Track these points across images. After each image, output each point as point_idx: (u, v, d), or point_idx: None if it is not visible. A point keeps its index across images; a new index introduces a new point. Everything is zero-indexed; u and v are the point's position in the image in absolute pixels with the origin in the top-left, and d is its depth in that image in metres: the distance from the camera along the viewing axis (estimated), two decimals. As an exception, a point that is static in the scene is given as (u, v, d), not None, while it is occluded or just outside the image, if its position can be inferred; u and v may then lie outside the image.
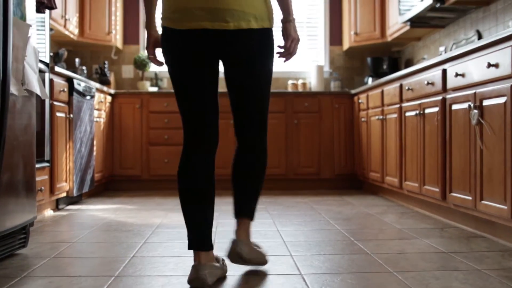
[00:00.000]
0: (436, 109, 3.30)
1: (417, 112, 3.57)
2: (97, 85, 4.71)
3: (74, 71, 5.49)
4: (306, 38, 6.16)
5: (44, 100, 3.43)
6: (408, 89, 3.74)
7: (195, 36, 1.97)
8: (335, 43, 6.08)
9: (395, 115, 4.10)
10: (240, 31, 1.97)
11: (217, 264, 2.06)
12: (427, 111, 3.45)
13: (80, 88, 4.10)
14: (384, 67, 5.78)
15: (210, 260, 2.01)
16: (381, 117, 4.42)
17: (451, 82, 3.09)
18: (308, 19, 6.17)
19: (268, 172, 5.28)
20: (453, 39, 4.67)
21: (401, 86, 3.98)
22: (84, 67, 5.60)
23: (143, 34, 6.06)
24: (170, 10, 2.05)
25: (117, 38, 5.74)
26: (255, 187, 2.21)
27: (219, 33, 1.96)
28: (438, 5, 4.07)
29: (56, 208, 3.90)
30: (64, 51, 5.16)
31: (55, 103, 3.67)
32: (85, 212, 3.84)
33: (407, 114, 3.82)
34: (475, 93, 2.78)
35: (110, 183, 5.35)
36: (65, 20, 4.87)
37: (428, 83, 3.39)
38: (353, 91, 5.35)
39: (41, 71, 3.29)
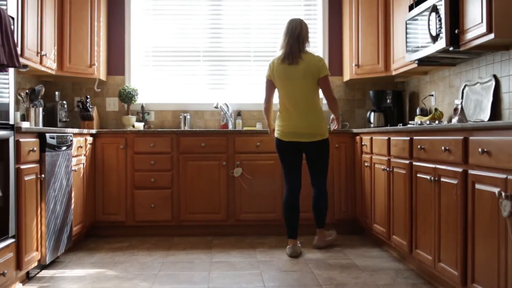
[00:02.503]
0: (455, 181, 2.90)
1: (431, 177, 3.17)
2: (75, 130, 4.29)
3: (54, 105, 5.07)
4: (303, 68, 5.74)
5: (8, 166, 3.01)
6: (421, 148, 3.34)
7: (290, 144, 4.18)
8: (334, 73, 5.68)
9: (403, 171, 3.70)
10: (312, 142, 4.16)
11: (300, 245, 4.27)
12: (443, 179, 3.05)
13: (53, 142, 3.68)
14: (388, 101, 5.38)
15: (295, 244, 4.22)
16: (387, 168, 4.02)
17: (475, 157, 2.69)
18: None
19: (263, 217, 4.91)
20: (465, 79, 4.27)
21: (411, 141, 3.58)
22: (64, 102, 5.18)
23: (129, 64, 5.64)
24: (279, 131, 4.22)
25: (100, 70, 5.32)
26: (324, 212, 4.37)
27: (302, 143, 4.17)
28: (451, 48, 3.67)
29: (27, 278, 3.48)
30: (41, 87, 4.73)
31: (23, 166, 3.24)
32: (58, 283, 3.42)
33: (419, 175, 3.42)
34: (506, 178, 2.37)
35: (92, 229, 4.93)
36: (41, 56, 4.45)
37: (445, 149, 2.99)
38: (355, 130, 4.95)
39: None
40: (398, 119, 5.41)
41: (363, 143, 4.73)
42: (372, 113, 5.41)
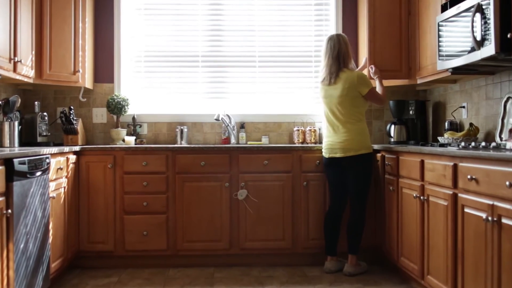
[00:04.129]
0: (525, 225, 2.29)
1: (487, 217, 2.56)
2: (53, 149, 3.66)
3: (33, 118, 4.45)
4: (313, 74, 5.14)
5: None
6: (472, 178, 2.73)
7: (330, 160, 4.17)
8: (349, 80, 5.06)
9: (444, 203, 3.09)
10: (345, 157, 4.07)
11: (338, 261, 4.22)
12: (506, 221, 2.45)
13: (24, 168, 3.06)
14: (410, 112, 4.78)
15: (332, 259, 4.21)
16: (421, 197, 3.42)
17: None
18: (316, 50, 5.15)
19: (271, 245, 4.29)
20: (507, 90, 3.67)
21: (456, 167, 2.97)
22: (45, 114, 4.56)
23: (119, 70, 5.01)
24: (323, 147, 4.24)
25: (85, 77, 4.69)
26: (356, 238, 4.22)
27: (338, 158, 4.11)
28: (502, 56, 3.07)
29: (-10, 334, 2.86)
30: (17, 98, 4.11)
31: (-18, 203, 2.62)
32: None
33: (468, 210, 2.81)
34: None
35: (76, 260, 4.30)
36: (15, 63, 3.83)
37: (511, 185, 2.38)
38: (376, 147, 4.35)
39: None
40: (422, 133, 4.81)
41: (386, 163, 4.13)
42: (393, 126, 4.81)
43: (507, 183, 2.40)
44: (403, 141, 4.75)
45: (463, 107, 4.32)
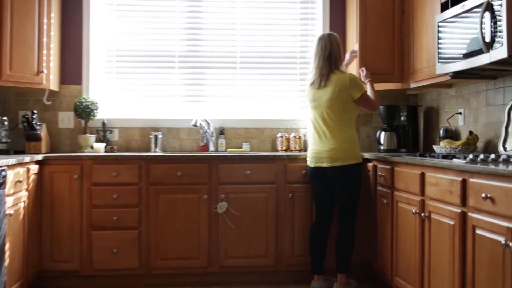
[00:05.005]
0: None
1: (507, 242, 2.25)
2: (11, 160, 3.25)
3: (-9, 123, 4.01)
4: (299, 76, 4.81)
5: None
6: (487, 197, 2.41)
7: (316, 170, 3.81)
8: (336, 84, 4.73)
9: (450, 222, 2.77)
10: (333, 167, 3.72)
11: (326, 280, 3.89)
12: (530, 248, 2.13)
13: (-27, 183, 2.65)
14: (402, 118, 4.48)
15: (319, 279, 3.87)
16: (422, 213, 3.10)
17: None
18: (301, 51, 4.82)
19: (252, 262, 3.93)
20: (511, 95, 3.39)
21: (465, 183, 2.66)
22: (5, 118, 4.12)
23: (88, 71, 4.60)
24: (308, 156, 3.89)
25: (50, 79, 4.27)
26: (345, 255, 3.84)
27: (325, 168, 3.76)
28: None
29: None
30: (-28, 101, 3.68)
31: None
32: None
33: (481, 232, 2.49)
34: None
35: (38, 281, 3.89)
36: (-32, 62, 3.40)
37: (537, 208, 2.07)
38: (367, 155, 4.03)
39: None
40: (413, 141, 4.51)
41: (379, 174, 3.81)
42: (383, 133, 4.51)
43: (534, 205, 2.09)
44: (394, 149, 4.45)
45: (460, 113, 4.03)
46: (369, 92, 3.93)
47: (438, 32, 3.47)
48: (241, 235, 4.02)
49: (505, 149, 3.38)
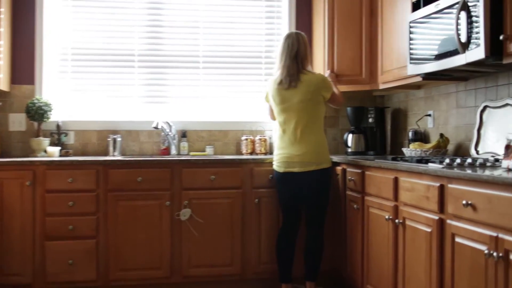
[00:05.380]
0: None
1: (490, 251, 2.14)
2: (-45, 167, 2.98)
3: None
4: (264, 76, 4.65)
5: None
6: (467, 204, 2.31)
7: (286, 175, 3.61)
8: (302, 85, 4.60)
9: (427, 229, 2.67)
10: (305, 172, 3.54)
11: None
12: (515, 258, 2.03)
13: None
14: (370, 119, 4.38)
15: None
16: (396, 219, 2.99)
17: None
18: (266, 51, 4.67)
19: (218, 271, 3.74)
20: (483, 98, 3.32)
21: (442, 188, 2.55)
22: (-52, 120, 3.82)
23: (41, 70, 4.32)
24: (275, 160, 3.67)
25: (0, 78, 3.99)
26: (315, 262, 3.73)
27: (296, 174, 3.57)
28: (490, 61, 2.69)
29: None
30: None
31: None
32: None
33: (460, 240, 2.39)
34: None
35: (-15, 296, 3.62)
36: None
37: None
38: (336, 159, 3.91)
39: None
40: (381, 143, 4.42)
41: (349, 178, 3.69)
42: (350, 135, 4.40)
43: (521, 213, 1.98)
44: (362, 152, 4.36)
45: (429, 115, 3.96)
46: (335, 90, 3.79)
47: (410, 32, 3.37)
48: (205, 243, 3.84)
49: (477, 152, 3.31)
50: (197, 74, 4.58)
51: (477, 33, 2.67)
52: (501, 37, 2.58)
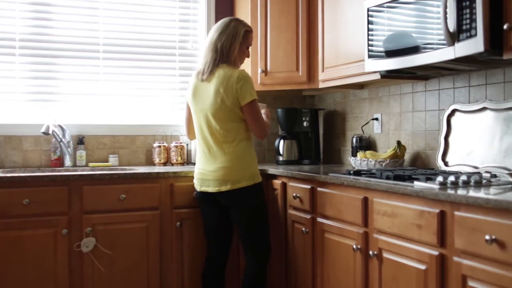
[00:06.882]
0: None
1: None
2: None
3: None
4: (178, 71, 3.91)
5: None
6: (492, 240, 1.76)
7: (204, 195, 2.96)
8: (224, 82, 3.92)
9: (420, 266, 2.11)
10: (221, 193, 2.87)
11: None
12: None
13: None
14: (304, 123, 3.82)
15: None
16: (369, 251, 2.41)
17: None
18: (180, 41, 3.93)
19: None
20: (451, 100, 2.87)
21: (443, 215, 2.00)
22: None
23: None
24: (194, 177, 3.03)
25: None
26: None
27: (212, 194, 2.92)
28: (485, 56, 2.21)
29: None
30: None
31: None
32: None
33: (476, 286, 1.85)
34: None
35: None
36: None
37: None
38: (273, 171, 3.28)
39: None
40: (316, 150, 3.87)
41: (294, 194, 3.07)
42: (282, 141, 3.80)
43: None
44: (295, 160, 3.80)
45: (376, 119, 3.46)
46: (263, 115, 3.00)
47: (369, 22, 2.82)
48: (114, 279, 3.04)
49: (446, 163, 2.84)
50: (97, 66, 3.72)
51: (471, 21, 2.18)
52: (505, 26, 2.10)
